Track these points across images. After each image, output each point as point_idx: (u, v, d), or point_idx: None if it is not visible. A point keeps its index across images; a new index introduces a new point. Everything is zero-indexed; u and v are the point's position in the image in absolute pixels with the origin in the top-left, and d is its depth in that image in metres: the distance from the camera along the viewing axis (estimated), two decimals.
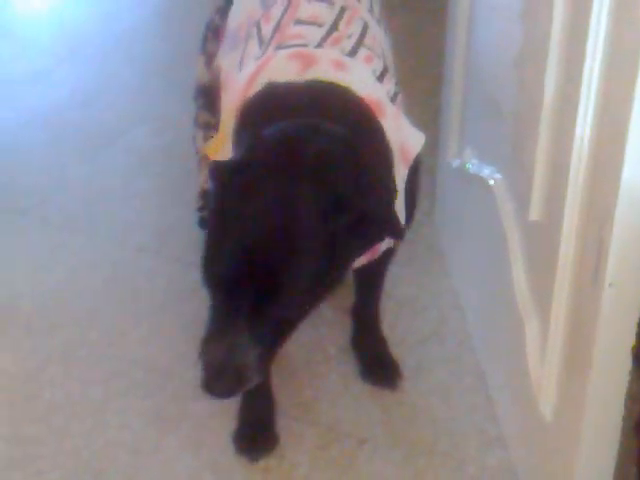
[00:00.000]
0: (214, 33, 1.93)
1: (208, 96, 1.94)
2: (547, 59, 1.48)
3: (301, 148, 1.35)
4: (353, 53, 1.55)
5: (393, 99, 1.54)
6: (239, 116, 1.49)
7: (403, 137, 1.50)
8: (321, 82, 1.46)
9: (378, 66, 1.57)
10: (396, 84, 1.60)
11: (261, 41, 1.61)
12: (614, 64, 1.29)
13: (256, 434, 1.83)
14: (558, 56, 1.47)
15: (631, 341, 1.39)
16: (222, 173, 1.35)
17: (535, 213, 1.60)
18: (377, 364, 1.95)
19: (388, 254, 1.70)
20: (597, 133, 1.35)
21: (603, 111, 1.33)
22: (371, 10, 1.71)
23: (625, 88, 1.24)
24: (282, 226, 1.29)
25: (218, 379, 1.31)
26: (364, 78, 1.52)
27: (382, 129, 1.47)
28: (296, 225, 1.29)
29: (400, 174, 1.48)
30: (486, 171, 1.87)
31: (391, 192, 1.45)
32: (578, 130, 1.37)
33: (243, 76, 1.55)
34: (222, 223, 1.33)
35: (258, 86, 1.48)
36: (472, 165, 1.96)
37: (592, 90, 1.33)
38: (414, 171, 1.52)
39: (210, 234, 1.34)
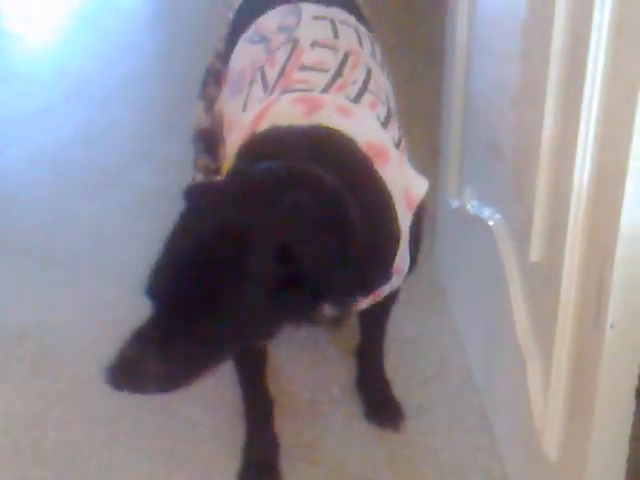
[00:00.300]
0: (215, 78, 1.94)
1: (208, 140, 1.95)
2: (545, 100, 1.49)
3: (274, 188, 1.33)
4: (358, 99, 1.55)
5: (397, 144, 1.54)
6: (238, 153, 1.50)
7: (407, 183, 1.50)
8: (323, 128, 1.46)
9: (382, 112, 1.57)
10: (399, 128, 1.61)
11: (265, 86, 1.61)
12: (612, 105, 1.30)
13: (260, 475, 1.82)
14: (556, 97, 1.48)
15: (634, 383, 1.39)
16: (190, 193, 1.37)
17: (535, 254, 1.61)
18: (381, 405, 1.95)
19: (392, 296, 1.71)
20: (596, 173, 1.36)
21: (602, 151, 1.34)
22: (373, 55, 1.72)
23: (623, 128, 1.25)
24: (210, 259, 1.29)
25: (117, 374, 1.36)
26: (369, 124, 1.52)
27: (380, 180, 1.45)
28: (225, 262, 1.28)
29: (405, 220, 1.48)
30: (486, 212, 1.88)
31: (355, 255, 1.36)
32: (577, 171, 1.38)
33: (248, 117, 1.56)
34: (170, 240, 1.35)
35: (262, 128, 1.49)
36: (472, 206, 1.97)
37: (590, 130, 1.35)
38: (418, 217, 1.52)
39: (162, 248, 1.35)
